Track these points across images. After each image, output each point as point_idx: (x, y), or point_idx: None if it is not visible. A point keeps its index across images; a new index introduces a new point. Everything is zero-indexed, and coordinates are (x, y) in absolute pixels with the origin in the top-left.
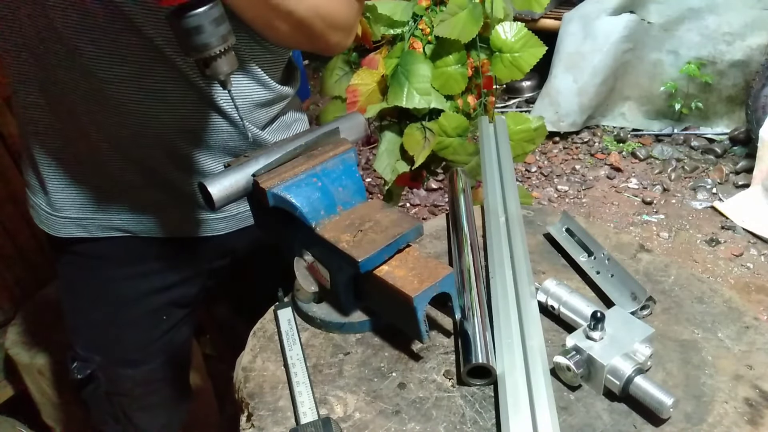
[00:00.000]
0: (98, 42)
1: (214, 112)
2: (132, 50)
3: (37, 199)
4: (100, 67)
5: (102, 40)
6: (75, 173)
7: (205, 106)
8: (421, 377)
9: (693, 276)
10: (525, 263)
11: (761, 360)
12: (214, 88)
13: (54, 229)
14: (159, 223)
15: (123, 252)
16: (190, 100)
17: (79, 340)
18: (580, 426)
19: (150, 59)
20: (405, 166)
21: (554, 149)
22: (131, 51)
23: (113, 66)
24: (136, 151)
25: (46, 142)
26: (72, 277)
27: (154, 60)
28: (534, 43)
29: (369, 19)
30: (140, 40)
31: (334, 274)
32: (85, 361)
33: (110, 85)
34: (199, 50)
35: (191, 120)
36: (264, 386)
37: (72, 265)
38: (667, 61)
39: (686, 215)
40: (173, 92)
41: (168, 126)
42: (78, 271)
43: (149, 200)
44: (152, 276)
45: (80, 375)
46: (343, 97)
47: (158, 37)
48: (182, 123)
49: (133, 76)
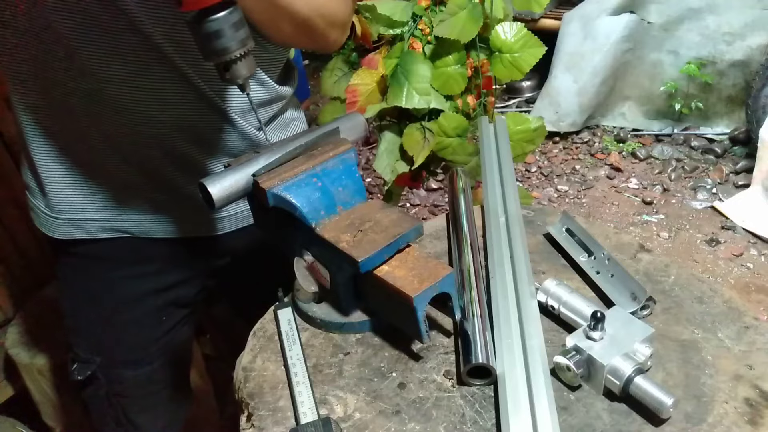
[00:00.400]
0: (98, 42)
1: (212, 112)
2: (132, 50)
3: (36, 201)
4: (99, 67)
5: (102, 40)
6: (74, 175)
7: (204, 106)
8: (421, 377)
9: (693, 276)
10: (525, 263)
11: (761, 360)
12: (213, 87)
13: (53, 231)
14: (159, 224)
15: (122, 253)
16: (189, 99)
17: (79, 342)
18: (580, 426)
19: (150, 59)
20: (405, 166)
21: (554, 149)
22: (131, 51)
23: (113, 66)
24: (135, 151)
25: (45, 144)
26: (72, 278)
27: (154, 60)
28: (534, 43)
29: (369, 19)
30: (141, 39)
31: (334, 274)
32: (86, 363)
33: (110, 84)
34: (219, 54)
35: (190, 119)
36: (264, 386)
37: (71, 266)
38: (667, 61)
39: (686, 215)
40: (172, 92)
41: (167, 125)
42: (77, 272)
43: (149, 201)
44: (152, 276)
45: (80, 376)
46: (342, 97)
47: (158, 35)
48: (181, 122)
49: (132, 75)
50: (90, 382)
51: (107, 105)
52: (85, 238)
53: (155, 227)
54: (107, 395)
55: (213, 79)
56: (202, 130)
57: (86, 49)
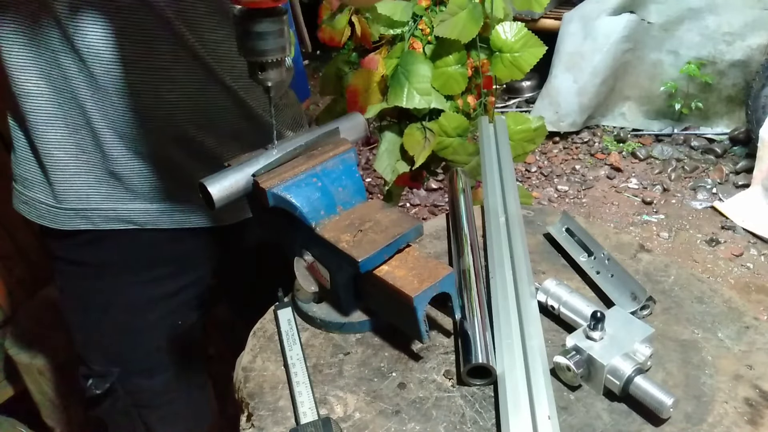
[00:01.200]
0: (104, 23)
1: (221, 91)
2: (141, 30)
3: (34, 193)
4: (106, 49)
5: (109, 21)
6: (80, 162)
7: (213, 84)
8: (421, 377)
9: (693, 276)
10: (525, 263)
11: (761, 360)
12: (222, 65)
13: (57, 222)
14: (166, 212)
15: (130, 256)
16: (197, 78)
17: (93, 355)
18: (580, 426)
19: (158, 38)
20: (405, 167)
21: (554, 149)
22: (139, 30)
23: (121, 47)
24: (142, 136)
25: (48, 131)
26: (79, 289)
27: (163, 39)
28: (534, 43)
29: (368, 19)
30: (151, 19)
31: (334, 274)
32: (103, 376)
33: (117, 65)
34: (258, 54)
35: (199, 99)
36: (264, 386)
37: (78, 276)
38: (667, 61)
39: (686, 215)
40: (181, 71)
41: (175, 106)
42: (86, 282)
43: (156, 188)
44: (162, 280)
45: (99, 390)
46: (342, 98)
47: (169, 10)
48: (189, 102)
49: (141, 56)
50: (107, 395)
51: (114, 87)
52: (90, 228)
53: (162, 216)
54: (126, 407)
55: (222, 56)
56: (209, 110)
57: (91, 30)
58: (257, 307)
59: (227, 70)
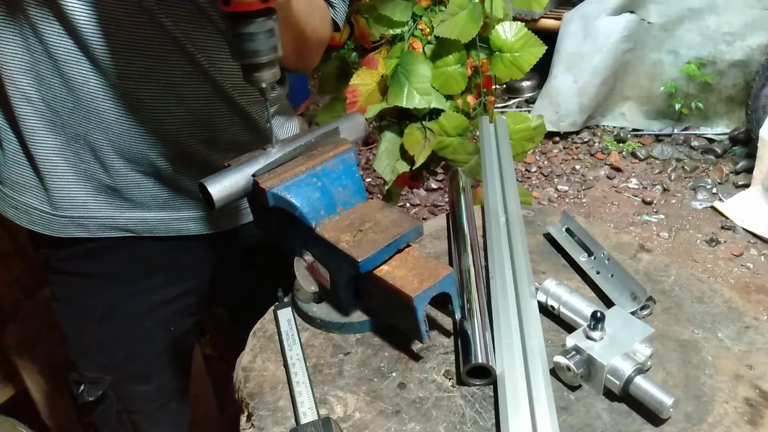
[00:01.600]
0: (114, 36)
1: (226, 106)
2: (149, 44)
3: (26, 198)
4: (115, 63)
5: (118, 35)
6: (78, 171)
7: (219, 100)
8: (421, 377)
9: (693, 276)
10: (525, 263)
11: (761, 360)
12: (228, 79)
13: (51, 229)
14: (163, 221)
15: (127, 265)
16: (204, 94)
17: (86, 362)
18: (580, 426)
19: (167, 53)
20: (405, 166)
21: (554, 149)
22: (149, 45)
23: (130, 62)
24: (143, 148)
25: (47, 139)
26: (75, 299)
27: (172, 54)
28: (534, 43)
29: (368, 19)
30: (159, 33)
31: (334, 274)
32: (95, 383)
33: (125, 80)
34: (250, 56)
35: (205, 115)
36: (264, 386)
37: (74, 286)
38: (667, 61)
39: (686, 215)
40: (189, 86)
41: (181, 120)
42: (82, 292)
43: (154, 198)
44: (159, 288)
45: (91, 397)
46: (342, 97)
47: (176, 29)
48: (195, 118)
49: (150, 71)
50: (100, 401)
51: (121, 100)
52: (85, 236)
53: (159, 225)
54: (118, 413)
55: (229, 72)
56: (214, 125)
57: (100, 43)
58: (254, 311)
59: (233, 85)
